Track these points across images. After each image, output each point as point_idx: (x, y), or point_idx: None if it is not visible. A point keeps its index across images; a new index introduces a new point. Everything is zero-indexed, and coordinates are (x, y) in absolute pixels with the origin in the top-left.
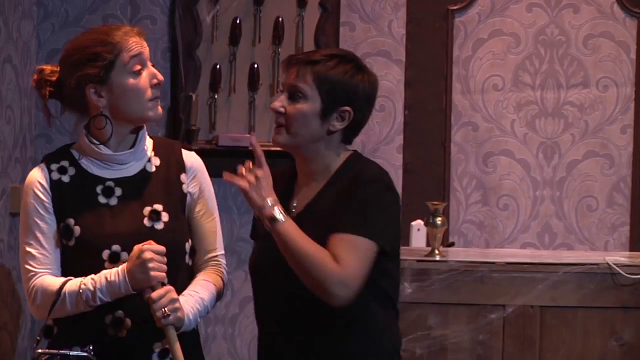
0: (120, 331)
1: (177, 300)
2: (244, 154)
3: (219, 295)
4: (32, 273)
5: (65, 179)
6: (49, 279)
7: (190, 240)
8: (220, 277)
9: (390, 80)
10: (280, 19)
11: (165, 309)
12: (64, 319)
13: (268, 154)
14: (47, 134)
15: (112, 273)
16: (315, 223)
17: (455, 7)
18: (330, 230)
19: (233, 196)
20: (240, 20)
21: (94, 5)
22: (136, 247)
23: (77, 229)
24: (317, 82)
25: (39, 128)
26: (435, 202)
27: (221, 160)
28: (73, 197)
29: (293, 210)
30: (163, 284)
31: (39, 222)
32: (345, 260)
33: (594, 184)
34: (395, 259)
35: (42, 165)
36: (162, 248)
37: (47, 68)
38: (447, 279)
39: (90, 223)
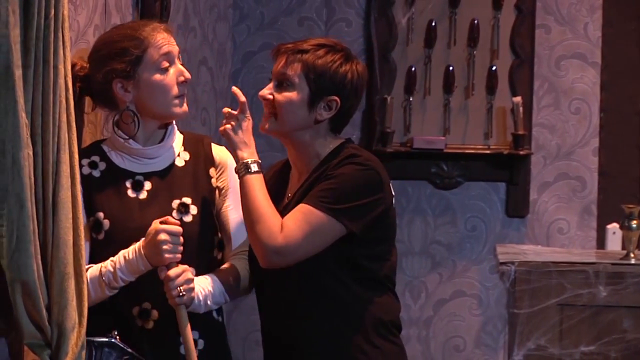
0: (147, 323)
1: (192, 280)
2: (439, 157)
3: (243, 287)
4: None
5: (96, 173)
6: None
7: (219, 234)
8: (247, 269)
9: (586, 82)
10: (475, 21)
11: (181, 288)
12: (91, 311)
13: (460, 156)
14: None
15: (130, 252)
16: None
17: None
18: None
19: (427, 198)
20: (435, 23)
21: (289, 8)
22: (153, 225)
23: (106, 223)
24: (305, 71)
25: None
26: (631, 205)
27: (416, 163)
28: (103, 191)
29: (287, 200)
30: (177, 264)
31: None
32: (289, 230)
33: None
34: (383, 243)
35: None
36: (178, 229)
37: (78, 63)
38: None
39: (119, 217)
